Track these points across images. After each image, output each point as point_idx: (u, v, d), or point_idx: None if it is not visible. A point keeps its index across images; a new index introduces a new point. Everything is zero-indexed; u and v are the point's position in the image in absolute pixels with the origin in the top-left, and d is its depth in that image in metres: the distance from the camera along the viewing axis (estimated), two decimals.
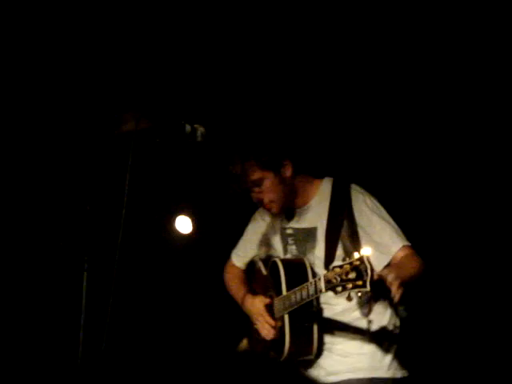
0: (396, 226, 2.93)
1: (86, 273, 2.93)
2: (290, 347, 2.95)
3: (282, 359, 3.00)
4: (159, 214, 4.38)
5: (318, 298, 2.93)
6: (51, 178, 3.93)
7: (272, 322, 3.06)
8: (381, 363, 2.94)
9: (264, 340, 3.12)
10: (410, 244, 2.90)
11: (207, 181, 4.04)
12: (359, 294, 2.55)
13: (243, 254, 3.37)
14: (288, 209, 3.11)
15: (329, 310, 2.99)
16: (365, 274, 2.43)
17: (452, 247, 3.86)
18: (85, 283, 2.90)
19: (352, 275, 2.45)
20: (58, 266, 3.88)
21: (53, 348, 3.98)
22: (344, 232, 2.94)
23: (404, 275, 2.64)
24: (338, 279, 2.50)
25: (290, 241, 3.13)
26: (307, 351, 2.98)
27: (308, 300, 2.84)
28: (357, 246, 2.89)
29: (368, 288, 2.43)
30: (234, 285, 3.37)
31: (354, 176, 3.13)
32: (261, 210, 3.23)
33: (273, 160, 2.99)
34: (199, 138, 2.70)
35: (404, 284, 2.57)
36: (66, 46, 3.66)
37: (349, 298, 2.54)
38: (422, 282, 2.82)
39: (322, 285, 2.63)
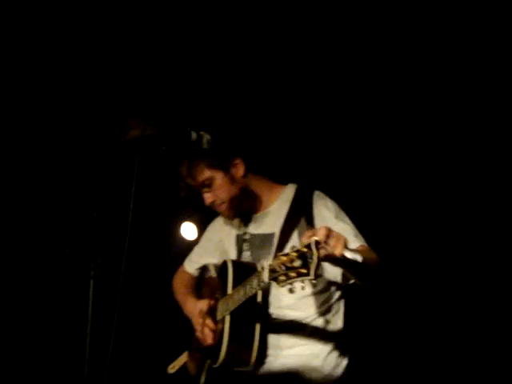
0: (356, 229, 2.79)
1: (92, 280, 2.94)
2: (227, 350, 2.71)
3: (217, 365, 2.78)
4: (165, 220, 4.39)
5: (266, 300, 2.78)
6: (58, 185, 3.94)
7: (211, 325, 2.86)
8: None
9: (203, 349, 2.94)
10: (367, 246, 2.76)
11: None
12: (302, 285, 2.21)
13: (196, 259, 3.27)
14: (246, 214, 2.99)
15: (278, 319, 2.82)
16: (310, 260, 2.15)
17: (413, 249, 3.86)
18: (91, 290, 2.92)
19: (297, 263, 2.18)
20: (64, 273, 3.87)
21: (60, 354, 3.98)
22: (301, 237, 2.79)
23: (358, 254, 2.42)
24: (283, 268, 2.21)
25: (245, 247, 2.99)
26: (246, 359, 2.73)
27: (251, 295, 2.62)
28: None
29: (312, 276, 2.14)
30: (180, 290, 3.24)
31: (320, 183, 3.02)
32: (218, 218, 3.15)
33: (221, 159, 2.88)
34: (205, 145, 2.70)
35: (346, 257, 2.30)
36: (73, 54, 3.68)
37: (291, 291, 2.23)
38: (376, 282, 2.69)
39: (266, 274, 2.30)
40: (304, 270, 2.16)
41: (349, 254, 2.29)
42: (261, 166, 3.02)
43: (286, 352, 2.80)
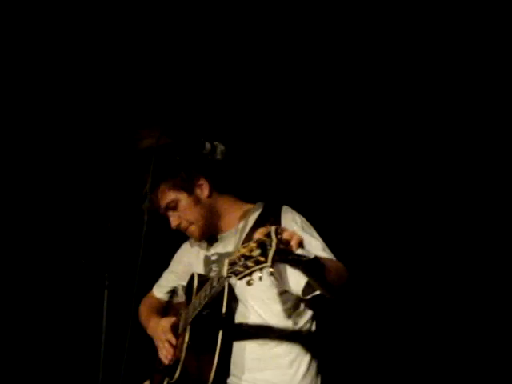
0: (323, 243, 2.72)
1: (106, 290, 2.95)
2: (183, 364, 2.58)
3: (173, 381, 2.65)
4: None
5: (231, 323, 2.66)
6: (73, 196, 3.95)
7: (173, 339, 2.75)
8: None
9: (163, 368, 2.79)
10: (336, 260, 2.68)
11: None
12: (259, 275, 2.08)
13: (164, 283, 3.21)
14: (212, 234, 2.94)
15: (243, 338, 2.69)
16: (269, 247, 2.05)
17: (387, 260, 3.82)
18: (106, 300, 2.92)
19: (256, 252, 2.07)
20: (79, 283, 3.89)
21: (74, 364, 3.98)
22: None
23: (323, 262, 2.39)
24: (242, 259, 2.10)
25: (214, 267, 2.90)
26: (204, 375, 2.55)
27: (210, 295, 2.51)
28: None
29: (269, 262, 2.03)
30: (144, 313, 3.15)
31: (288, 200, 2.96)
32: (187, 242, 3.11)
33: (184, 180, 2.83)
34: (219, 156, 2.69)
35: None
36: (88, 63, 3.70)
37: (248, 283, 2.10)
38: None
39: (225, 269, 2.18)
40: (262, 258, 2.06)
41: (303, 252, 2.26)
42: (228, 185, 2.98)
43: (253, 376, 2.69)
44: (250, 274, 2.09)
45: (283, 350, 2.71)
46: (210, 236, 2.96)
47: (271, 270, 2.07)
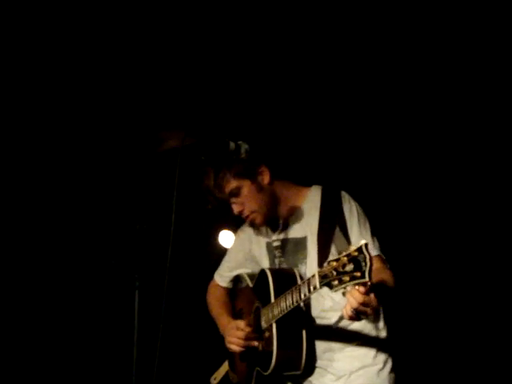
0: (372, 237, 2.78)
1: (137, 290, 2.99)
2: (277, 356, 2.73)
3: (268, 372, 2.79)
4: (203, 229, 4.42)
5: (308, 310, 2.79)
6: (101, 199, 3.99)
7: (255, 344, 2.87)
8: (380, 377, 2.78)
9: (248, 357, 2.95)
10: (382, 255, 2.76)
11: None
12: (357, 288, 2.28)
13: (227, 273, 3.22)
14: (273, 220, 2.96)
15: (322, 322, 2.81)
16: (363, 264, 2.20)
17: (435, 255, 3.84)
18: (137, 300, 2.96)
19: (349, 267, 2.22)
20: (110, 285, 3.92)
21: (107, 364, 4.02)
22: (337, 239, 2.78)
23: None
24: (335, 273, 2.26)
25: (278, 253, 2.95)
26: (295, 363, 2.76)
27: (300, 302, 2.62)
28: None
29: (367, 278, 2.20)
30: (214, 306, 3.22)
31: (343, 184, 2.97)
32: (243, 226, 3.14)
33: (247, 168, 2.85)
34: (243, 155, 2.69)
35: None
36: (109, 65, 3.73)
37: (343, 294, 2.31)
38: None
39: (317, 281, 2.36)
40: (358, 274, 2.21)
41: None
42: (283, 171, 2.98)
43: (337, 355, 2.81)
44: (345, 288, 2.26)
45: (360, 334, 2.81)
46: (270, 222, 2.97)
47: (369, 283, 2.24)
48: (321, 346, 2.82)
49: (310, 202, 2.90)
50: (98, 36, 3.66)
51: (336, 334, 2.82)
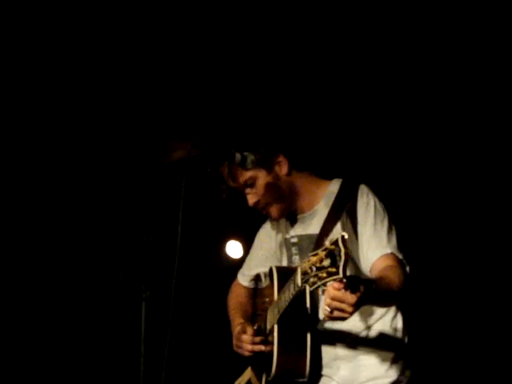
0: (389, 234, 2.58)
1: (144, 301, 2.99)
2: (277, 361, 2.56)
3: (270, 377, 2.61)
4: (210, 239, 4.42)
5: (315, 311, 2.60)
6: (108, 211, 4.00)
7: (262, 348, 2.69)
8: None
9: (257, 363, 2.78)
10: (398, 254, 2.56)
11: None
12: (332, 284, 2.09)
13: (247, 272, 3.08)
14: (291, 214, 2.81)
15: (331, 326, 2.60)
16: (338, 258, 2.01)
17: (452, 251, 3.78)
18: (144, 311, 2.96)
19: (326, 262, 2.04)
20: (117, 296, 3.93)
21: (114, 378, 4.02)
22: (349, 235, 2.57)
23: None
24: (314, 269, 2.07)
25: (294, 250, 2.79)
26: (299, 369, 2.57)
27: (289, 300, 2.44)
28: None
29: (341, 274, 2.00)
30: (231, 306, 3.08)
31: (366, 177, 2.79)
32: (265, 224, 2.98)
33: (263, 157, 2.70)
34: (249, 166, 2.68)
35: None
36: (116, 75, 3.75)
37: (323, 292, 2.13)
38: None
39: (299, 278, 2.18)
40: (333, 269, 2.02)
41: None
42: (304, 162, 2.80)
43: (345, 364, 2.65)
44: (324, 285, 2.08)
45: (370, 337, 2.64)
46: (289, 216, 2.83)
47: (344, 280, 2.05)
48: (329, 352, 2.66)
49: (329, 196, 2.74)
50: (106, 44, 3.68)
51: (346, 340, 2.64)
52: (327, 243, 2.06)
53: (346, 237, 2.02)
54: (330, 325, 2.61)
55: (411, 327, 2.72)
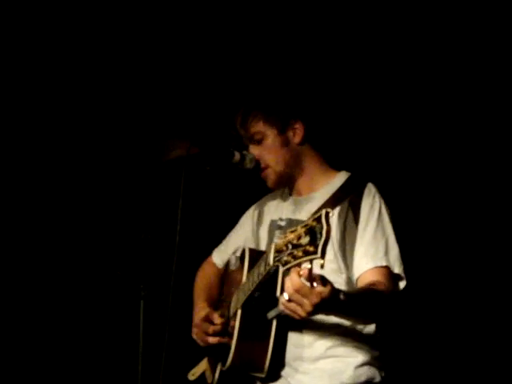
0: (387, 244, 2.41)
1: (142, 300, 2.98)
2: (236, 349, 2.34)
3: (226, 367, 2.41)
4: (209, 238, 4.41)
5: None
6: (106, 208, 4.00)
7: (211, 330, 2.51)
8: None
9: (214, 351, 2.59)
10: (392, 269, 2.38)
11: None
12: (309, 266, 1.84)
13: (223, 248, 2.91)
14: (285, 192, 2.68)
15: (301, 322, 2.20)
16: (319, 236, 1.76)
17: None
18: (141, 311, 2.95)
19: (305, 240, 1.78)
20: (115, 295, 3.92)
21: (112, 376, 4.02)
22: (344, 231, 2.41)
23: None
24: (290, 246, 1.82)
25: (278, 233, 2.58)
26: (258, 362, 2.33)
27: (258, 282, 2.21)
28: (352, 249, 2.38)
29: (319, 254, 1.74)
30: (198, 286, 2.90)
31: (376, 176, 2.63)
32: (254, 205, 2.84)
33: (280, 115, 2.54)
34: (248, 165, 2.67)
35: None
36: (115, 75, 3.76)
37: (299, 275, 1.89)
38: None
39: (271, 256, 1.91)
40: (311, 248, 1.77)
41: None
42: (320, 142, 2.64)
43: (307, 367, 2.42)
44: (298, 265, 1.84)
45: (342, 338, 2.43)
46: (282, 195, 2.70)
47: (322, 262, 1.78)
48: (292, 350, 2.43)
49: (331, 186, 2.56)
50: (106, 44, 3.69)
51: (313, 338, 2.42)
52: (309, 220, 1.84)
53: (331, 214, 1.80)
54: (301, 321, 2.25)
55: (389, 333, 2.56)
